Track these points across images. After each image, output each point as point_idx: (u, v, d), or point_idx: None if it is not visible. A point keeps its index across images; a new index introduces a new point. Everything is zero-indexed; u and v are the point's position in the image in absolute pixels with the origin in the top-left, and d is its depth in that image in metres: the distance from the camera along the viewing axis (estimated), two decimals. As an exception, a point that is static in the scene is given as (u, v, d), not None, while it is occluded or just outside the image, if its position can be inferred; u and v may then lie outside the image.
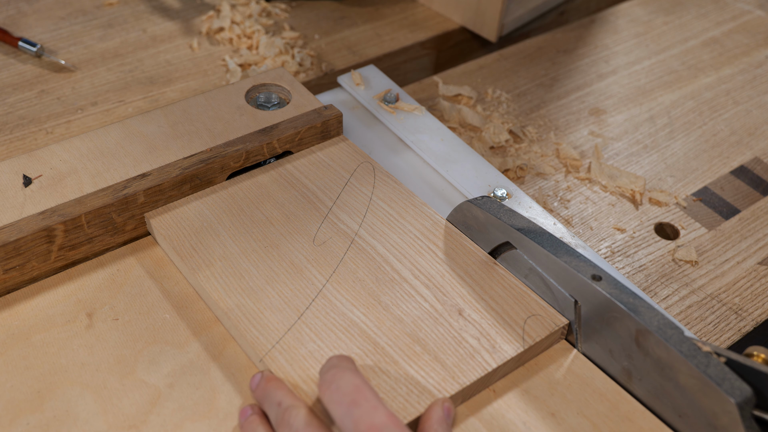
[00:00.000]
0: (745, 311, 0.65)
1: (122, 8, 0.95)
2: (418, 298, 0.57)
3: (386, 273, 0.59)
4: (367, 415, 0.44)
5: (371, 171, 0.67)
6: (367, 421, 0.44)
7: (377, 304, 0.57)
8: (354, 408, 0.44)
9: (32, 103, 0.80)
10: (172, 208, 0.63)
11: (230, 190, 0.65)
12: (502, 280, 0.59)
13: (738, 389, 0.47)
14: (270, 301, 0.56)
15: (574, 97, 0.88)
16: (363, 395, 0.45)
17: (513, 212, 0.60)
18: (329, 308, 0.56)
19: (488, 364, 0.53)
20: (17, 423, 0.50)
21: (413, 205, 0.64)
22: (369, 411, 0.44)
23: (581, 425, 0.52)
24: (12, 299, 0.58)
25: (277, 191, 0.65)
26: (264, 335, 0.54)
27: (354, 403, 0.45)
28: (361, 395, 0.45)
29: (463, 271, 0.59)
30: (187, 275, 0.59)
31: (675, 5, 1.05)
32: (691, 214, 0.74)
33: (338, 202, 0.64)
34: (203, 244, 0.60)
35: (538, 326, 0.55)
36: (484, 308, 0.57)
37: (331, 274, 0.58)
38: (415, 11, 0.99)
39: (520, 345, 0.54)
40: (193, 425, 0.51)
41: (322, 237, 0.61)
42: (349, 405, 0.45)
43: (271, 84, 0.73)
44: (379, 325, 0.55)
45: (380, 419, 0.44)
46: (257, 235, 0.61)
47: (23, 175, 0.62)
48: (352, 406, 0.45)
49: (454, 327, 0.55)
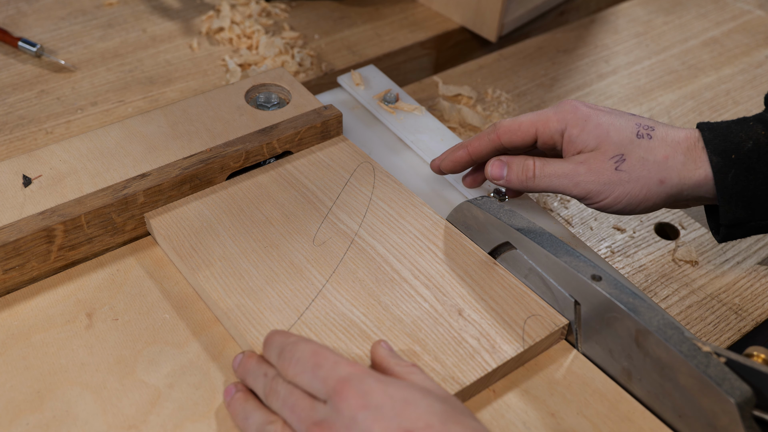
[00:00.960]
0: (745, 311, 0.65)
1: (122, 8, 0.95)
2: (418, 298, 0.57)
3: (386, 273, 0.59)
4: (332, 371, 0.46)
5: (371, 171, 0.66)
6: (334, 377, 0.46)
7: (377, 304, 0.56)
8: (318, 370, 0.46)
9: (32, 103, 0.80)
10: (172, 209, 0.63)
11: (230, 191, 0.64)
12: (502, 280, 0.59)
13: (738, 389, 0.47)
14: (270, 301, 0.56)
15: (573, 97, 0.88)
16: (322, 356, 0.47)
17: (513, 212, 0.60)
18: (329, 308, 0.56)
19: (488, 364, 0.53)
20: (17, 423, 0.50)
21: (413, 205, 0.64)
22: (332, 367, 0.46)
23: (581, 425, 0.52)
24: (12, 299, 0.58)
25: (277, 191, 0.65)
26: (264, 335, 0.53)
27: (317, 366, 0.47)
28: (321, 356, 0.47)
29: (463, 271, 0.59)
30: (187, 275, 0.59)
31: (675, 5, 1.05)
32: (691, 214, 0.74)
33: (338, 202, 0.64)
34: (203, 245, 0.60)
35: (538, 326, 0.55)
36: (483, 308, 0.57)
37: (330, 274, 0.58)
38: (415, 11, 0.99)
39: (520, 345, 0.54)
40: (193, 425, 0.51)
41: (322, 237, 0.61)
42: (312, 369, 0.47)
43: (271, 84, 0.73)
44: (378, 325, 0.55)
45: (345, 370, 0.46)
46: (257, 235, 0.61)
47: (23, 175, 0.62)
48: (315, 369, 0.47)
49: (453, 327, 0.55)
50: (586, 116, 0.60)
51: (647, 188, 0.58)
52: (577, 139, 0.59)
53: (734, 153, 0.57)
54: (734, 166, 0.57)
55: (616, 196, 0.59)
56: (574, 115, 0.60)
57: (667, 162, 0.58)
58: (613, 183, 0.58)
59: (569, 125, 0.60)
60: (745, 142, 0.57)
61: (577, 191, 0.59)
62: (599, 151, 0.59)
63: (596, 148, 0.59)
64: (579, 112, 0.60)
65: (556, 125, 0.60)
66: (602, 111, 0.60)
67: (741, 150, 0.57)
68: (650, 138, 0.59)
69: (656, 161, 0.58)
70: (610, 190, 0.58)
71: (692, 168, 0.58)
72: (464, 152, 0.64)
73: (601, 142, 0.59)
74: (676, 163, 0.58)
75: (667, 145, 0.58)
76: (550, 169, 0.60)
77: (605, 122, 0.59)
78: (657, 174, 0.58)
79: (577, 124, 0.59)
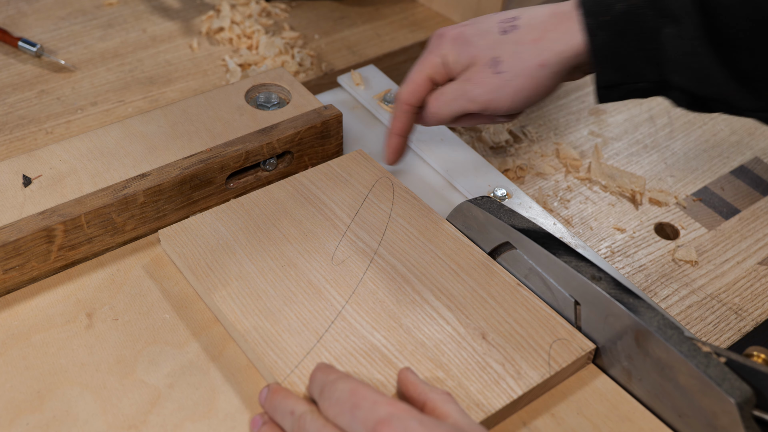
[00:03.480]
0: (745, 311, 0.65)
1: (122, 8, 0.95)
2: (441, 321, 0.55)
3: (407, 294, 0.57)
4: (371, 413, 0.44)
5: (390, 186, 0.65)
6: (373, 418, 0.44)
7: (398, 327, 0.55)
8: (356, 411, 0.44)
9: (32, 103, 0.80)
10: (186, 225, 0.61)
11: (246, 206, 0.63)
12: (526, 302, 0.56)
13: (738, 389, 0.47)
14: (288, 323, 0.55)
15: (573, 96, 0.88)
16: (360, 396, 0.45)
17: (513, 212, 0.60)
18: (349, 331, 0.54)
19: (514, 390, 0.51)
20: (17, 423, 0.50)
21: (433, 222, 0.62)
22: (371, 408, 0.44)
23: (581, 425, 0.52)
24: (12, 299, 0.58)
25: (294, 207, 0.63)
26: (282, 359, 0.52)
27: (355, 407, 0.45)
28: (359, 396, 0.45)
29: (487, 292, 0.57)
30: (202, 295, 0.58)
31: (675, 5, 1.05)
32: (691, 214, 0.74)
33: (357, 219, 0.62)
34: (219, 263, 0.58)
35: (564, 351, 0.54)
36: (508, 331, 0.55)
37: (350, 294, 0.57)
38: (415, 11, 0.99)
39: (546, 371, 0.52)
40: (192, 425, 0.51)
41: (341, 256, 0.59)
42: (351, 411, 0.45)
43: (271, 84, 0.73)
44: (400, 349, 0.53)
45: (384, 411, 0.44)
46: (274, 253, 0.60)
47: (23, 175, 0.62)
48: (354, 410, 0.45)
49: (477, 351, 0.53)
50: (454, 38, 0.61)
51: (531, 77, 0.59)
52: (456, 64, 0.61)
53: (605, 15, 0.57)
54: (604, 27, 0.57)
55: (508, 97, 0.60)
56: (443, 43, 0.62)
57: (539, 44, 0.58)
58: (500, 87, 0.60)
59: (444, 55, 0.62)
60: (617, 4, 0.56)
61: (474, 107, 0.61)
62: (476, 63, 0.60)
63: (473, 62, 0.60)
64: (445, 38, 0.62)
65: (438, 61, 0.62)
66: (466, 25, 0.62)
67: (612, 12, 0.56)
68: (516, 28, 0.59)
69: (528, 49, 0.59)
70: (501, 94, 0.60)
71: (567, 39, 0.58)
72: (396, 138, 0.66)
73: (474, 54, 0.60)
74: (549, 42, 0.58)
75: (534, 29, 0.59)
76: (444, 97, 0.62)
77: (470, 33, 0.61)
78: (534, 59, 0.58)
79: (450, 50, 0.61)
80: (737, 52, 0.55)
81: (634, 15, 0.56)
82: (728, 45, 0.55)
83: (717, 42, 0.54)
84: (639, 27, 0.56)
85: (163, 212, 0.63)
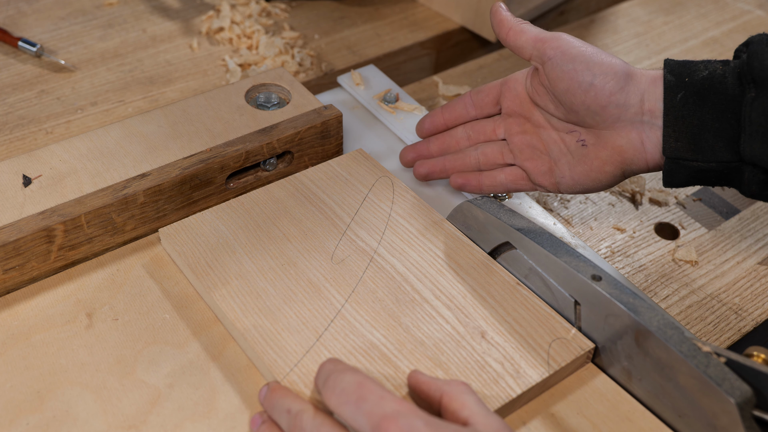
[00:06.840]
0: (745, 311, 0.65)
1: (122, 8, 0.95)
2: (440, 320, 0.56)
3: (406, 293, 0.57)
4: (377, 407, 0.43)
5: (390, 186, 0.65)
6: (379, 413, 0.43)
7: (398, 326, 0.55)
8: (362, 403, 0.44)
9: (32, 103, 0.80)
10: (186, 224, 0.61)
11: (246, 205, 0.63)
12: (525, 301, 0.57)
13: (738, 389, 0.47)
14: (288, 321, 0.55)
15: (574, 97, 0.88)
16: (367, 389, 0.45)
17: (513, 212, 0.60)
18: (348, 329, 0.54)
19: (513, 390, 0.51)
20: (17, 423, 0.50)
21: (433, 222, 0.62)
22: (377, 402, 0.44)
23: (581, 425, 0.52)
24: (12, 299, 0.58)
25: (294, 206, 0.64)
26: (282, 358, 0.52)
27: (361, 399, 0.44)
28: (366, 389, 0.45)
29: (486, 292, 0.57)
30: (202, 294, 0.58)
31: (675, 5, 1.05)
32: (691, 214, 0.74)
33: (356, 218, 0.62)
34: (219, 262, 0.59)
35: (564, 350, 0.54)
36: (507, 330, 0.55)
37: (350, 293, 0.57)
38: (415, 11, 0.99)
39: (545, 370, 0.53)
40: (192, 425, 0.51)
41: (341, 255, 0.60)
42: (356, 402, 0.44)
43: (271, 84, 0.73)
44: (400, 348, 0.54)
45: (390, 407, 0.43)
46: (274, 252, 0.60)
47: (23, 175, 0.62)
48: (359, 402, 0.44)
49: (477, 350, 0.54)
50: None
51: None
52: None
53: (688, 77, 0.55)
54: (685, 87, 0.55)
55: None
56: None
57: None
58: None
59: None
60: (701, 71, 0.55)
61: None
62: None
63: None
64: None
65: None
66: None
67: (695, 76, 0.55)
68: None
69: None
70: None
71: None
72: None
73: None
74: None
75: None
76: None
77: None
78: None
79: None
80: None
81: (717, 83, 0.55)
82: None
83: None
84: (721, 94, 0.54)
85: (163, 212, 0.63)
